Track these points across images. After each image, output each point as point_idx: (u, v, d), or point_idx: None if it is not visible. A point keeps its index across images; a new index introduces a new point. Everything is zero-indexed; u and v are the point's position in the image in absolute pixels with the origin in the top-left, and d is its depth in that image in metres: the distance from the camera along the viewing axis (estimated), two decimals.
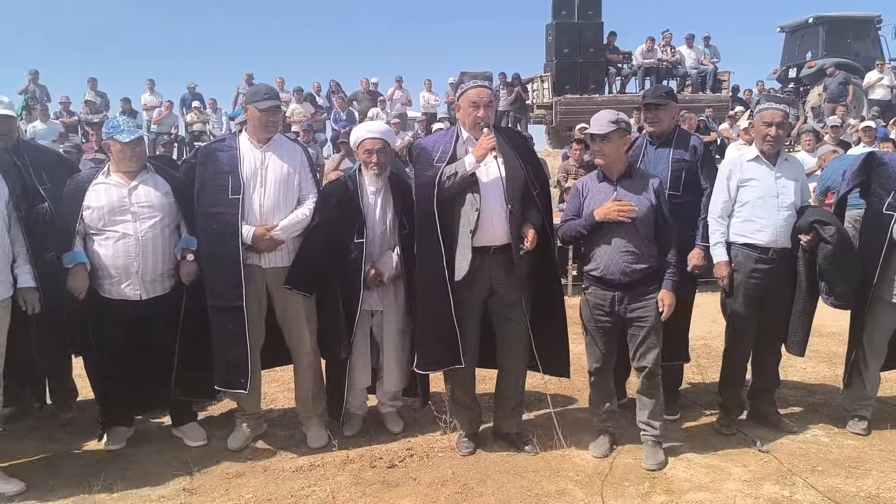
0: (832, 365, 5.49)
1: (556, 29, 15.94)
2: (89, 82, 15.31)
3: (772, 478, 3.64)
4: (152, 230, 3.86)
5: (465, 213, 3.67)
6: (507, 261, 3.73)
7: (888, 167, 4.08)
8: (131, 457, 3.98)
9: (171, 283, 3.98)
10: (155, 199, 3.90)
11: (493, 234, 3.69)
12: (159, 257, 3.89)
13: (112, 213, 3.82)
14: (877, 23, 18.05)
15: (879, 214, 4.02)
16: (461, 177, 3.63)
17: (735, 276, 4.07)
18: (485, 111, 3.68)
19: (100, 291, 3.88)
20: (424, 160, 3.81)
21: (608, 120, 3.72)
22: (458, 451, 3.95)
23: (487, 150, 3.58)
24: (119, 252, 3.81)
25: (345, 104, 15.35)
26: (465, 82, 3.76)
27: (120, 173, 3.90)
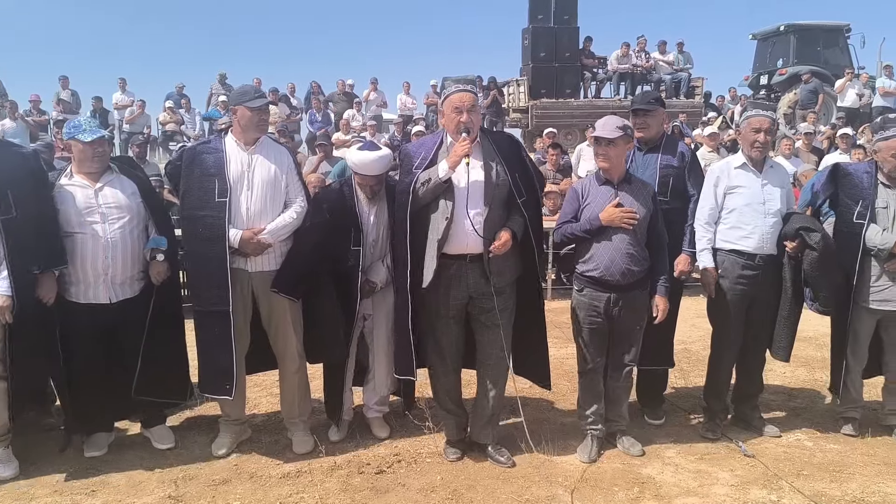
0: (812, 369, 5.57)
1: (532, 33, 16.00)
2: (60, 80, 15.00)
3: (758, 482, 3.68)
4: (121, 231, 3.79)
5: (435, 221, 3.60)
6: (484, 268, 3.65)
7: (853, 177, 4.17)
8: (114, 463, 3.90)
9: (140, 286, 3.91)
10: (122, 199, 3.83)
11: (466, 241, 3.59)
12: (129, 258, 3.82)
13: (79, 215, 3.73)
14: (846, 32, 18.41)
15: (850, 223, 4.10)
16: (434, 183, 3.54)
17: (721, 283, 4.11)
18: (468, 116, 3.57)
19: (67, 297, 3.77)
20: (406, 166, 3.76)
21: (615, 126, 3.74)
22: (445, 457, 3.93)
23: (460, 156, 3.49)
24: (87, 254, 3.72)
25: (321, 105, 15.26)
26: (448, 87, 3.68)
27: (83, 174, 3.81)
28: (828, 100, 17.11)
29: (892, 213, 4.02)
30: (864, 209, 4.05)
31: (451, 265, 3.64)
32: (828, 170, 4.42)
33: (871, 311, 4.13)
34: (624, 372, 3.99)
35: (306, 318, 4.04)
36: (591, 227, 3.74)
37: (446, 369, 3.86)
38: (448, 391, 3.94)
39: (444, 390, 3.94)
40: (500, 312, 3.68)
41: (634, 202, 3.76)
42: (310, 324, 4.04)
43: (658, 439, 4.21)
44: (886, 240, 3.97)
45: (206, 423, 4.42)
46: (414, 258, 3.62)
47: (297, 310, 4.00)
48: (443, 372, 3.87)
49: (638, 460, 3.92)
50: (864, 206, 4.05)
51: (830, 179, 4.26)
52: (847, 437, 4.23)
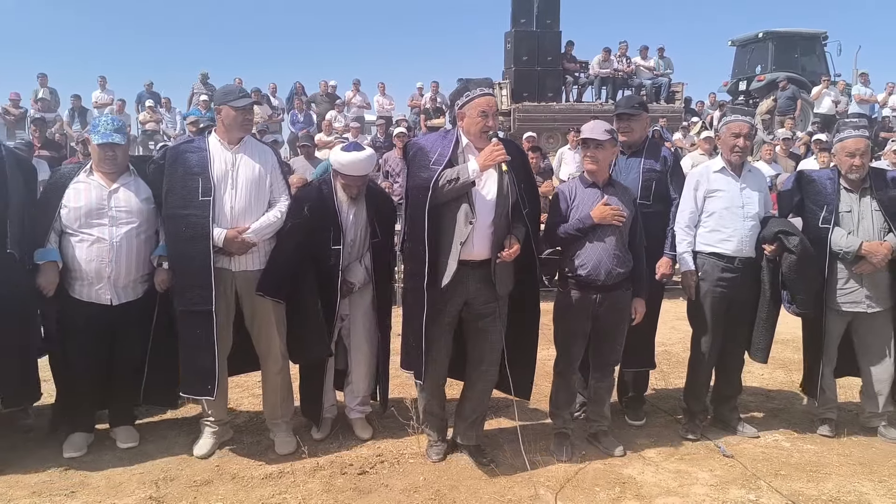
0: (788, 371, 5.65)
1: (514, 37, 16.04)
2: (39, 78, 14.83)
3: (737, 482, 3.73)
4: (128, 236, 3.82)
5: (459, 225, 3.54)
6: (486, 275, 3.64)
7: (817, 183, 4.27)
8: (94, 464, 3.86)
9: (143, 289, 3.93)
10: (134, 204, 3.86)
11: (472, 248, 3.58)
12: (133, 263, 3.85)
13: (89, 216, 3.77)
14: (823, 39, 18.65)
15: (817, 228, 4.19)
16: (462, 183, 3.47)
17: (701, 285, 4.17)
18: (493, 121, 3.59)
19: (70, 292, 3.82)
20: (421, 161, 3.64)
21: (603, 129, 3.80)
22: (429, 457, 3.93)
23: (496, 161, 3.46)
24: (93, 255, 3.76)
25: (303, 106, 15.21)
26: (471, 89, 3.62)
27: (100, 173, 3.85)
28: (805, 106, 17.36)
29: (857, 216, 4.12)
30: (828, 214, 4.14)
31: (456, 270, 3.59)
32: (792, 177, 4.52)
33: (841, 314, 4.21)
34: (606, 372, 4.04)
35: (288, 318, 4.03)
36: (584, 225, 3.77)
37: (434, 374, 3.82)
38: (434, 395, 3.91)
39: (430, 393, 3.90)
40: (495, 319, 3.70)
41: (619, 203, 3.82)
42: (292, 323, 4.03)
43: (639, 440, 4.25)
44: (851, 243, 4.05)
45: (187, 424, 4.39)
46: (431, 257, 3.54)
47: (281, 310, 3.99)
48: (431, 377, 3.81)
49: (619, 460, 3.95)
50: (829, 210, 4.14)
51: (795, 187, 4.35)
52: (823, 438, 4.30)
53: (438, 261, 3.58)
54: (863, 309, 4.16)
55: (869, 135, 4.19)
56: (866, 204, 4.15)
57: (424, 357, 3.65)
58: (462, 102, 3.66)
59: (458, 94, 3.71)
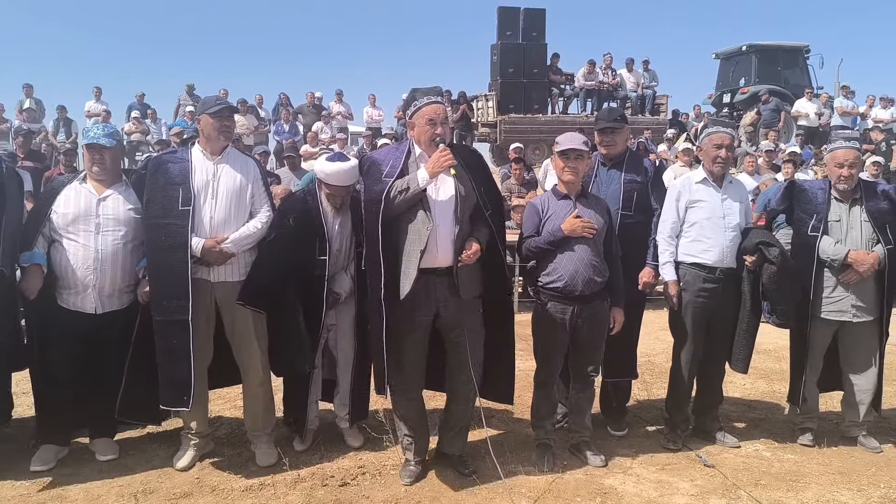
0: (770, 381, 5.69)
1: (500, 49, 16.17)
2: (24, 89, 14.77)
3: (717, 492, 3.74)
4: (113, 244, 3.81)
5: (416, 231, 3.52)
6: (452, 282, 3.60)
7: (808, 193, 4.33)
8: (73, 477, 3.82)
9: (128, 299, 3.92)
10: (122, 213, 3.86)
11: (437, 255, 3.55)
12: (118, 272, 3.84)
13: (76, 221, 3.78)
14: (805, 52, 18.89)
15: (805, 236, 4.23)
16: (412, 192, 3.48)
17: (683, 295, 4.20)
18: (441, 128, 3.59)
19: (58, 300, 3.81)
20: (374, 174, 3.67)
21: (581, 140, 3.83)
22: (401, 479, 3.82)
23: (444, 167, 3.47)
24: (78, 262, 3.76)
25: (290, 117, 15.22)
26: (419, 99, 3.64)
27: (93, 182, 3.87)
28: (788, 118, 17.55)
29: (845, 226, 4.16)
30: (817, 223, 4.19)
31: (419, 279, 3.56)
32: (783, 186, 4.58)
33: (827, 322, 4.25)
34: (587, 382, 4.04)
35: (270, 330, 4.01)
36: (555, 238, 3.79)
37: (408, 387, 3.77)
38: (409, 412, 3.84)
39: (405, 411, 3.84)
40: (468, 328, 3.66)
41: (593, 216, 3.84)
42: (274, 336, 4.01)
43: (620, 450, 4.25)
44: (839, 251, 4.10)
45: (167, 436, 4.36)
46: (388, 269, 3.53)
47: (262, 322, 3.97)
48: (403, 392, 3.77)
49: (600, 471, 3.96)
50: (818, 219, 4.18)
51: (786, 195, 4.40)
52: (804, 447, 4.32)
53: (398, 272, 3.55)
54: (849, 318, 4.19)
55: (860, 147, 4.25)
56: (856, 214, 4.19)
57: (386, 372, 3.62)
58: (411, 112, 3.69)
59: (407, 105, 3.73)
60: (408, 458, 3.91)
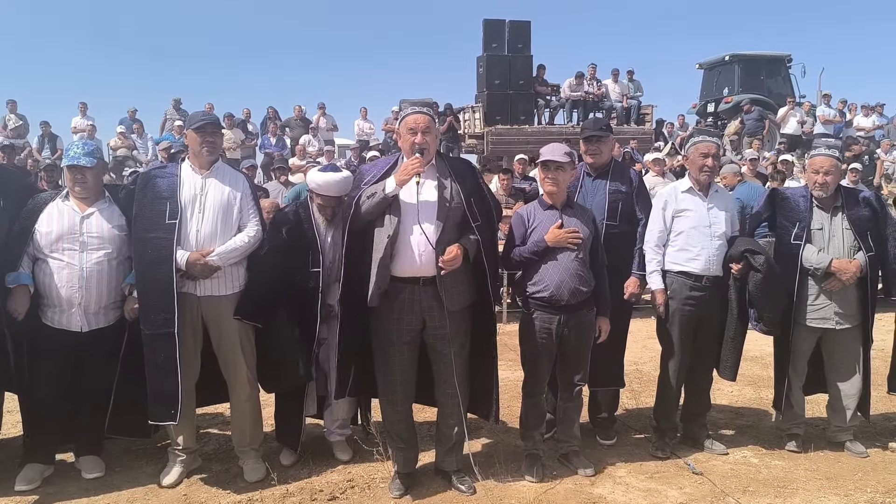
0: (757, 388, 5.71)
1: (486, 61, 16.21)
2: (8, 104, 14.67)
3: (706, 499, 3.75)
4: (98, 262, 3.80)
5: (381, 236, 3.54)
6: (437, 292, 3.57)
7: (790, 200, 4.37)
8: (58, 496, 3.79)
9: (114, 316, 3.91)
10: (106, 230, 3.85)
11: (419, 264, 3.54)
12: (104, 290, 3.83)
13: (60, 240, 3.77)
14: (787, 62, 19.07)
15: (788, 244, 4.27)
16: (378, 198, 3.50)
17: (670, 304, 4.22)
18: (422, 137, 3.58)
19: (42, 318, 3.80)
20: (356, 183, 3.77)
21: (563, 151, 3.85)
22: (390, 491, 3.80)
23: (410, 174, 3.48)
24: (63, 281, 3.75)
25: (277, 130, 15.21)
26: (405, 109, 3.70)
27: (75, 199, 3.85)
28: (772, 127, 17.73)
29: (828, 234, 4.20)
30: (800, 231, 4.22)
31: (403, 289, 3.58)
32: (766, 194, 4.62)
33: (811, 330, 4.28)
34: (574, 392, 4.05)
35: (264, 345, 3.99)
36: (538, 248, 3.81)
37: (395, 400, 3.75)
38: (397, 424, 3.82)
39: (393, 423, 3.82)
40: (453, 339, 3.64)
41: (578, 225, 3.85)
42: (267, 351, 3.99)
43: (609, 459, 4.26)
44: (822, 259, 4.13)
45: (154, 452, 4.32)
46: (356, 277, 3.57)
47: (248, 337, 3.95)
48: (391, 403, 3.76)
49: (589, 480, 3.96)
50: (801, 227, 4.22)
51: (769, 203, 4.43)
52: (791, 453, 4.35)
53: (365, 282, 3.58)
54: (831, 325, 4.22)
55: (839, 155, 4.30)
56: (837, 222, 4.23)
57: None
58: (398, 123, 3.75)
59: (397, 116, 3.77)
60: (397, 470, 3.89)
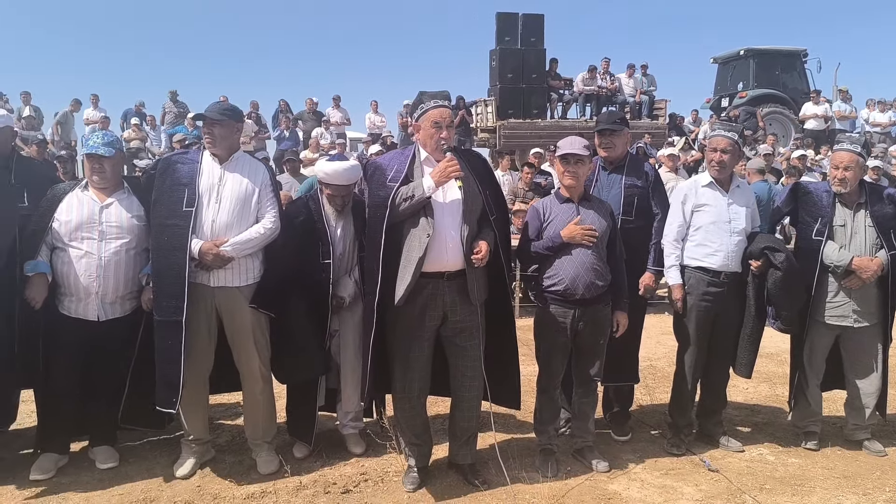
0: (773, 385, 5.66)
1: (499, 54, 16.17)
2: (22, 96, 14.77)
3: (722, 496, 3.72)
4: (116, 253, 3.80)
5: (417, 238, 3.49)
6: (461, 286, 3.59)
7: (813, 196, 4.30)
8: (73, 486, 3.79)
9: (131, 306, 3.91)
10: (125, 220, 3.85)
11: (446, 259, 3.52)
12: (121, 280, 3.83)
13: (79, 230, 3.77)
14: (803, 56, 18.90)
15: (809, 240, 4.22)
16: (417, 200, 3.46)
17: (687, 299, 4.18)
18: (447, 132, 3.57)
19: (59, 308, 3.80)
20: (378, 179, 3.65)
21: (582, 144, 3.82)
22: (403, 485, 3.80)
23: (450, 176, 3.46)
24: (81, 270, 3.74)
25: (289, 123, 15.22)
26: (425, 102, 3.64)
27: (94, 189, 3.86)
28: (786, 122, 17.59)
29: (850, 231, 4.14)
30: (822, 227, 4.16)
31: (427, 284, 3.54)
32: (789, 188, 4.56)
33: (829, 327, 4.23)
34: (589, 387, 4.02)
35: (280, 337, 3.98)
36: (553, 244, 3.79)
37: (411, 395, 3.72)
38: (412, 419, 3.79)
39: (408, 418, 3.79)
40: (475, 332, 3.63)
41: (595, 219, 3.83)
42: (282, 343, 3.98)
43: (624, 455, 4.23)
44: (843, 257, 4.07)
45: (168, 444, 4.32)
46: (386, 274, 3.52)
47: (263, 330, 3.94)
48: (407, 398, 3.73)
49: (604, 476, 3.93)
50: (823, 223, 4.16)
51: (791, 197, 4.38)
52: (808, 451, 4.31)
53: (396, 278, 3.53)
54: (850, 323, 4.17)
55: (860, 151, 4.20)
56: (860, 219, 4.17)
57: (369, 378, 3.61)
58: (417, 115, 3.68)
59: (414, 108, 3.73)
60: (410, 464, 3.88)
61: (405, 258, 3.52)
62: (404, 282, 3.49)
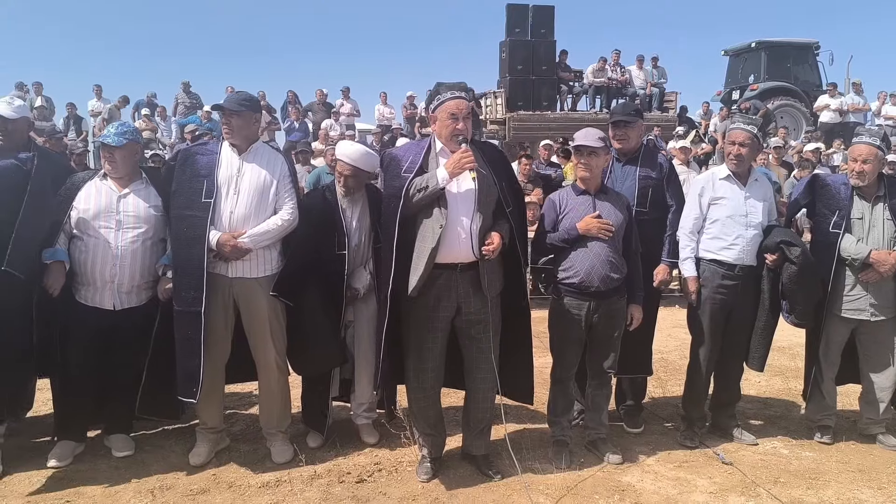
0: (786, 378, 5.65)
1: (509, 46, 16.09)
2: (34, 87, 14.80)
3: (737, 489, 3.71)
4: (133, 242, 3.83)
5: (430, 229, 3.49)
6: (475, 278, 3.59)
7: (831, 188, 4.27)
8: (89, 473, 3.83)
9: (147, 296, 3.93)
10: (143, 210, 3.88)
11: (459, 250, 3.52)
12: (137, 269, 3.85)
13: (97, 219, 3.80)
14: (815, 49, 18.77)
15: (826, 233, 4.20)
16: (431, 191, 3.46)
17: (702, 292, 4.17)
18: (464, 123, 3.54)
19: (76, 296, 3.83)
20: (393, 170, 3.66)
21: (597, 136, 3.81)
22: (417, 476, 3.80)
23: (464, 168, 3.45)
24: (97, 259, 3.78)
25: (299, 115, 15.22)
26: (442, 93, 3.61)
27: (112, 179, 3.87)
28: (797, 115, 17.50)
29: (868, 223, 4.12)
30: (840, 219, 4.14)
31: (440, 275, 3.55)
32: (806, 180, 4.54)
33: (845, 321, 4.21)
34: (603, 380, 4.03)
35: (298, 327, 3.99)
36: (569, 236, 3.79)
37: (425, 386, 3.72)
38: (426, 409, 3.81)
39: (422, 409, 3.81)
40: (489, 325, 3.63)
41: (612, 211, 3.82)
42: (300, 334, 3.98)
43: (637, 447, 4.23)
44: (860, 250, 4.05)
45: (183, 433, 4.36)
46: (399, 265, 3.53)
47: (279, 321, 3.95)
48: (422, 389, 3.73)
49: (618, 468, 3.94)
50: (841, 216, 4.14)
51: (808, 189, 4.36)
52: (822, 445, 4.30)
53: (410, 268, 3.53)
54: (866, 317, 4.16)
55: (879, 144, 4.15)
56: (879, 212, 4.14)
57: (382, 367, 3.63)
58: (434, 106, 3.65)
59: (430, 99, 3.70)
60: (424, 454, 3.89)
61: (419, 249, 3.52)
62: (417, 272, 3.50)
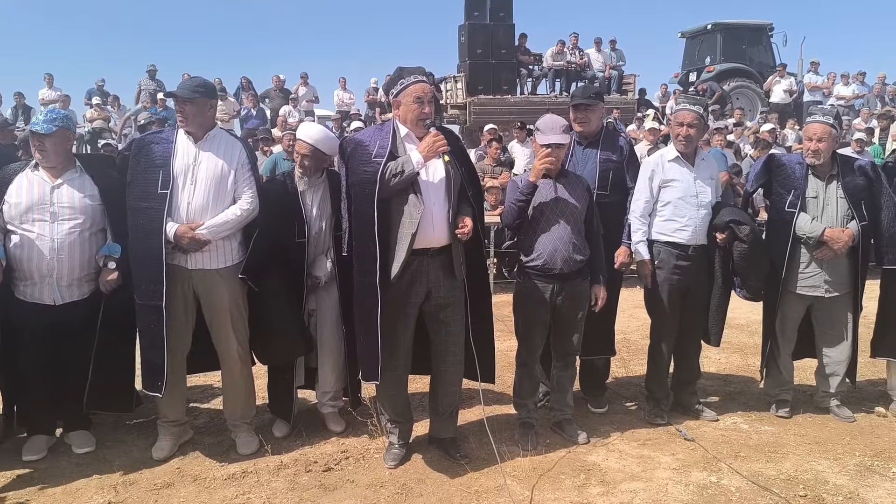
0: (744, 355, 5.78)
1: (468, 30, 16.05)
2: None
3: (699, 465, 3.79)
4: (70, 234, 3.70)
5: (408, 214, 3.48)
6: (446, 262, 3.60)
7: (786, 167, 4.35)
8: (49, 471, 3.75)
9: (89, 289, 3.81)
10: (77, 200, 3.74)
11: (432, 235, 3.53)
12: (76, 262, 3.73)
13: (30, 211, 3.66)
14: (769, 30, 19.08)
15: (782, 212, 4.28)
16: (408, 175, 3.43)
17: (658, 273, 4.23)
18: (429, 107, 3.55)
19: (14, 292, 3.71)
20: (361, 156, 3.57)
21: (562, 128, 3.82)
22: (385, 462, 3.82)
23: (438, 152, 3.44)
24: (33, 253, 3.64)
25: (255, 101, 14.98)
26: (405, 77, 3.57)
27: (45, 169, 3.73)
28: (752, 96, 17.79)
29: (822, 202, 4.21)
30: (795, 198, 4.22)
31: (412, 260, 3.53)
32: (762, 160, 4.61)
33: (801, 297, 4.31)
34: (568, 361, 4.06)
35: (261, 317, 3.95)
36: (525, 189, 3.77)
37: (396, 373, 3.72)
38: (394, 398, 3.82)
39: (391, 396, 3.82)
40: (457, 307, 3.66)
41: (573, 192, 3.85)
42: (264, 323, 3.95)
43: (602, 427, 4.29)
44: (815, 228, 4.14)
45: (145, 426, 4.29)
46: (382, 251, 3.48)
47: (241, 312, 3.90)
48: (392, 376, 3.70)
49: (583, 448, 3.99)
50: (796, 195, 4.22)
51: (765, 169, 4.43)
52: (780, 419, 4.41)
53: (389, 254, 3.51)
54: (821, 293, 4.26)
55: (833, 123, 4.22)
56: (832, 190, 4.22)
57: (381, 356, 3.55)
58: (396, 91, 3.61)
59: (392, 83, 3.66)
60: (391, 441, 3.90)
61: (401, 235, 3.50)
62: (398, 259, 3.49)
